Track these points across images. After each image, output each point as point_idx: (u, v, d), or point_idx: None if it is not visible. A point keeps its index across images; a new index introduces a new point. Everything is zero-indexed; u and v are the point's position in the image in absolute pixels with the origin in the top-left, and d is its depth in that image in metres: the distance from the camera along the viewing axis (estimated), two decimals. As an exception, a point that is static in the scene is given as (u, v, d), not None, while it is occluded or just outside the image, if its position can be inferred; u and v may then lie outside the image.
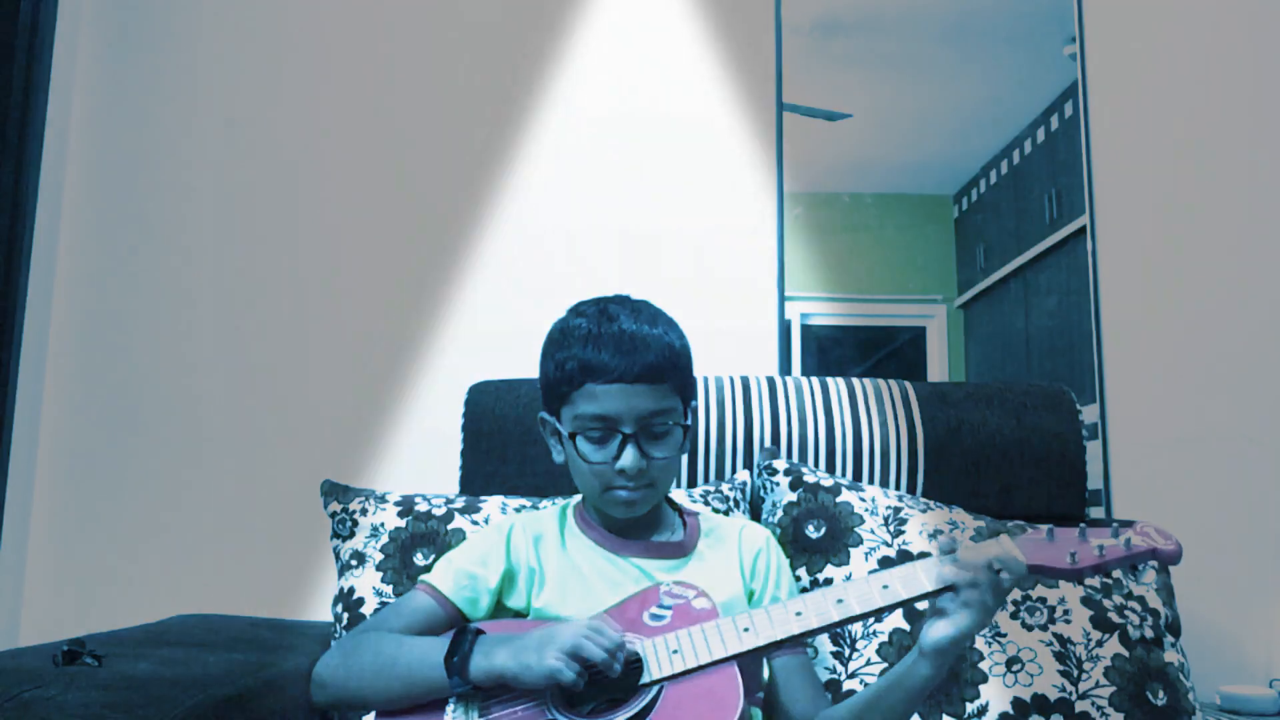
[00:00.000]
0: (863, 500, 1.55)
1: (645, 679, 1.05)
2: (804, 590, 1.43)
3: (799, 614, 1.07)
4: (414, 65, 2.19)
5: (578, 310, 1.25)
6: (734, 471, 1.70)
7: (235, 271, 2.12)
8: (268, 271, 2.12)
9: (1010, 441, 1.71)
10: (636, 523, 1.26)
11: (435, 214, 2.14)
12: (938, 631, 1.04)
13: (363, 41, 2.20)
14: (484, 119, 2.17)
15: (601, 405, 1.17)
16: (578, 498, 1.33)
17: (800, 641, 1.21)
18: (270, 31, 2.20)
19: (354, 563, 1.52)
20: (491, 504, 1.59)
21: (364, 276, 2.12)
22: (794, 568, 1.46)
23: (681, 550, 1.26)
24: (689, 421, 1.24)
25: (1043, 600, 1.44)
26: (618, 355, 1.17)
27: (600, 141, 2.17)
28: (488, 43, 2.20)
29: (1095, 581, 1.47)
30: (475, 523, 1.54)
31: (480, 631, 1.10)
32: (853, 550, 1.49)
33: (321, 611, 1.59)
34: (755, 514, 1.64)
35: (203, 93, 2.18)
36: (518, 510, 1.56)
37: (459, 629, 1.11)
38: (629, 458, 1.17)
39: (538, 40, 2.20)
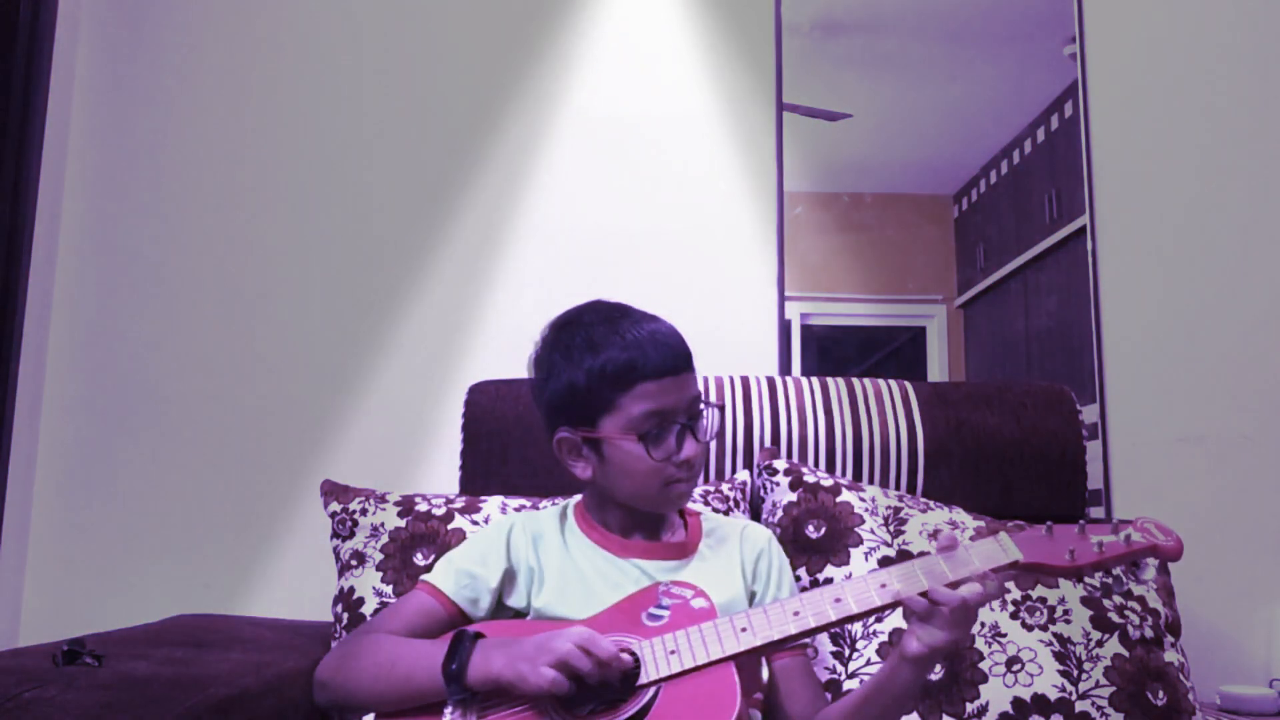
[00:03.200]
0: (863, 500, 1.55)
1: (643, 680, 1.05)
2: (804, 590, 1.43)
3: (797, 614, 1.07)
4: (414, 65, 2.19)
5: (580, 320, 1.23)
6: (734, 471, 1.70)
7: (235, 271, 2.12)
8: (268, 271, 2.12)
9: (1010, 441, 1.71)
10: (638, 522, 1.26)
11: (435, 214, 2.14)
12: (916, 645, 1.04)
13: (364, 41, 2.20)
14: (484, 119, 2.17)
15: (658, 400, 1.18)
16: (577, 498, 1.33)
17: (800, 642, 1.21)
18: (270, 30, 2.20)
19: (354, 563, 1.52)
20: (491, 504, 1.59)
21: (364, 276, 2.12)
22: (794, 568, 1.45)
23: (683, 551, 1.26)
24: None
25: (1043, 600, 1.44)
26: (660, 350, 1.18)
27: (600, 141, 2.17)
28: (488, 43, 2.20)
29: (1095, 581, 1.47)
30: (475, 523, 1.54)
31: (479, 635, 1.10)
32: (853, 550, 1.49)
33: (321, 611, 1.59)
34: (755, 514, 1.64)
35: (202, 92, 2.18)
36: (518, 510, 1.56)
37: (457, 633, 1.11)
38: (691, 447, 1.19)
39: (537, 41, 2.20)
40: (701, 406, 1.22)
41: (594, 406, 1.19)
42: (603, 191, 2.15)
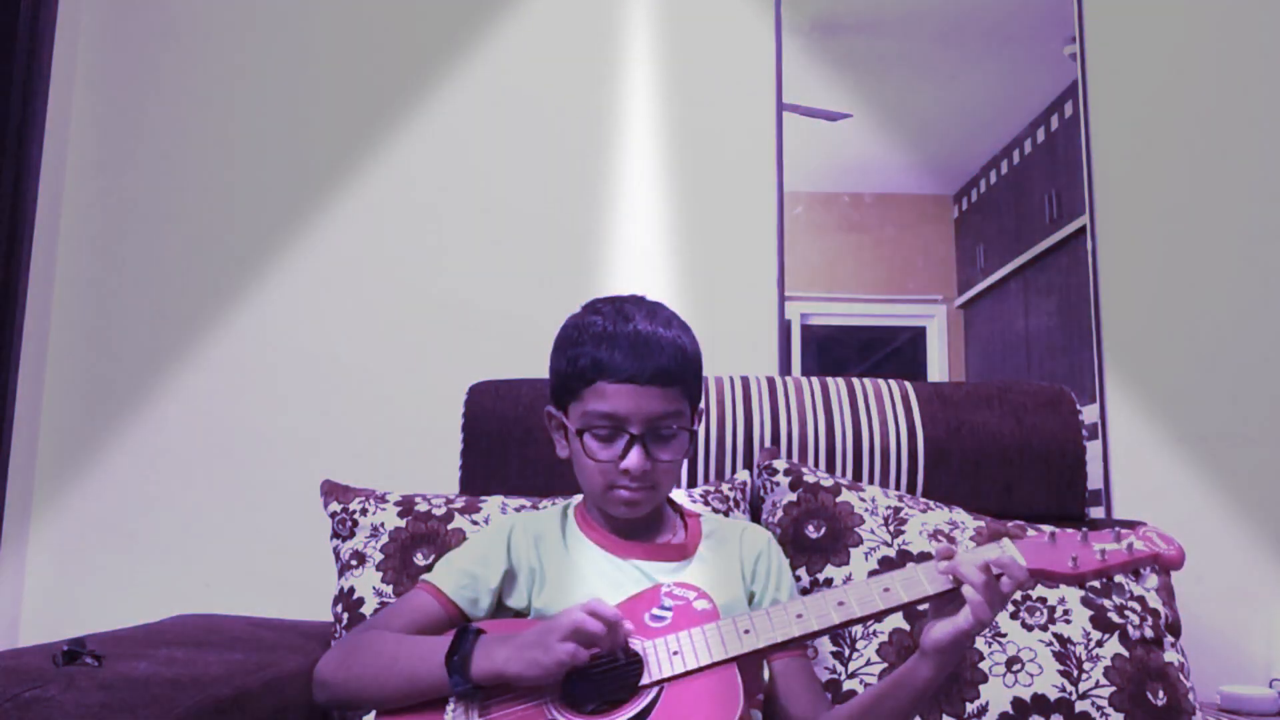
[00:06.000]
0: (863, 500, 1.55)
1: (646, 680, 1.05)
2: (804, 591, 1.43)
3: (799, 616, 1.07)
4: (414, 65, 2.19)
5: (593, 308, 1.25)
6: (734, 471, 1.70)
7: (235, 271, 2.12)
8: (268, 270, 2.12)
9: (1010, 441, 1.71)
10: (638, 524, 1.26)
11: (435, 214, 2.14)
12: (938, 632, 1.04)
13: (363, 40, 2.20)
14: (484, 119, 2.17)
15: (611, 404, 1.18)
16: (578, 498, 1.33)
17: (800, 643, 1.21)
18: (269, 29, 2.20)
19: (354, 563, 1.52)
20: (491, 504, 1.59)
21: (364, 276, 2.12)
22: (794, 568, 1.45)
23: (683, 552, 1.26)
24: (696, 427, 1.25)
25: (1043, 600, 1.44)
26: (631, 356, 1.17)
27: (600, 141, 2.16)
28: (488, 43, 2.19)
29: (1095, 582, 1.47)
30: (475, 523, 1.54)
31: (481, 631, 1.10)
32: (853, 550, 1.49)
33: (321, 611, 1.59)
34: (755, 514, 1.64)
35: (202, 92, 2.18)
36: (518, 510, 1.56)
37: (460, 628, 1.11)
38: (634, 458, 1.17)
39: (538, 41, 2.20)
40: (674, 426, 1.20)
41: (567, 392, 1.22)
42: (602, 191, 2.15)
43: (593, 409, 1.19)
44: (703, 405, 1.66)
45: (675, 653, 1.06)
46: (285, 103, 2.18)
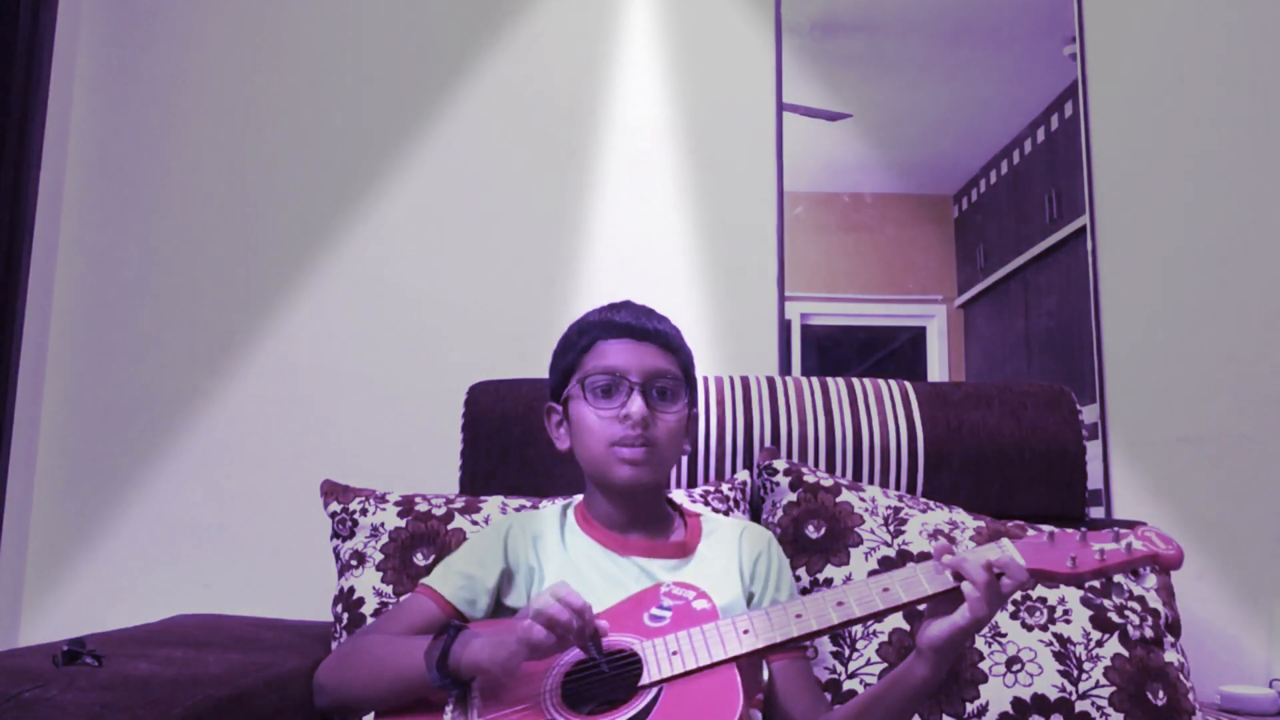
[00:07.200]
0: (863, 500, 1.55)
1: (645, 680, 1.05)
2: (804, 591, 1.44)
3: (799, 616, 1.07)
4: (415, 64, 2.19)
5: (590, 311, 1.32)
6: (734, 471, 1.70)
7: (236, 271, 2.12)
8: (268, 270, 2.12)
9: (1010, 441, 1.71)
10: (638, 517, 1.27)
11: (435, 216, 2.14)
12: (935, 630, 1.04)
13: (364, 39, 2.20)
14: (485, 118, 2.17)
15: (611, 359, 1.23)
16: (578, 498, 1.33)
17: (800, 644, 1.21)
18: (272, 29, 2.20)
19: (354, 563, 1.52)
20: (491, 504, 1.59)
21: (364, 276, 2.12)
22: (794, 568, 1.46)
23: (683, 551, 1.26)
24: (693, 425, 1.28)
25: (1043, 600, 1.44)
26: (622, 320, 1.26)
27: (600, 142, 2.16)
28: (490, 43, 2.20)
29: (1095, 581, 1.47)
30: (475, 523, 1.54)
31: (464, 626, 1.11)
32: (853, 550, 1.49)
33: (321, 611, 1.59)
34: (755, 514, 1.64)
35: (203, 91, 2.18)
36: (517, 510, 1.56)
37: (443, 625, 1.11)
38: (636, 405, 1.20)
39: (537, 42, 2.20)
40: (671, 381, 1.24)
41: (567, 370, 1.27)
42: (603, 192, 2.15)
43: (593, 366, 1.24)
44: (699, 410, 1.66)
45: (674, 653, 1.06)
46: (287, 102, 2.18)
